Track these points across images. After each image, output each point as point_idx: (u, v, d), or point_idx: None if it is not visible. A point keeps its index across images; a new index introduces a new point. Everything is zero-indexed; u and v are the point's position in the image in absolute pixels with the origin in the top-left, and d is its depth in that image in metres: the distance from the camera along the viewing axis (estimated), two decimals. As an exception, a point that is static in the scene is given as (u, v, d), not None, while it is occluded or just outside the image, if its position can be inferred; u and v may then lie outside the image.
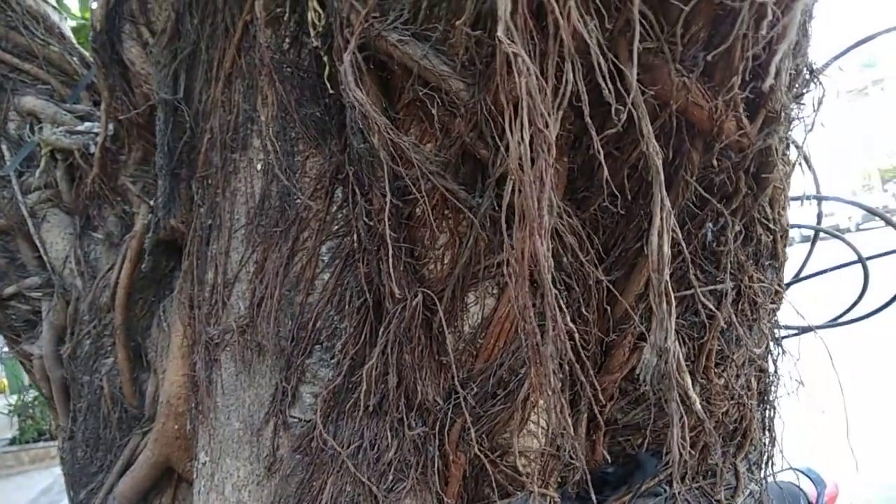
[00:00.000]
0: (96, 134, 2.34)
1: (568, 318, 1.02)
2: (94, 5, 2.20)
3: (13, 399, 11.44)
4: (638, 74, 1.07)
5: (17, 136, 2.49)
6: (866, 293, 2.04)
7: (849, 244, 2.01)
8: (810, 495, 3.76)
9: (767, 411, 1.82)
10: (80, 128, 2.42)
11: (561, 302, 1.01)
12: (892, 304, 2.00)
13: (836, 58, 1.71)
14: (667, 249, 1.01)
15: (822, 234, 2.11)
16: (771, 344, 1.64)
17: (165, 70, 1.82)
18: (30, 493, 9.07)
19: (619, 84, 1.02)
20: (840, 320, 2.12)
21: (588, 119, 0.95)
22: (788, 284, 2.11)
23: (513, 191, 1.02)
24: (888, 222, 1.89)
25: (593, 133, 0.95)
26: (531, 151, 0.93)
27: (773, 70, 0.91)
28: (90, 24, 2.23)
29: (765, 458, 1.81)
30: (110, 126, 2.25)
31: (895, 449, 6.66)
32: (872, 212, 2.00)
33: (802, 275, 2.17)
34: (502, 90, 0.95)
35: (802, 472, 3.86)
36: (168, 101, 1.81)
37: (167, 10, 1.88)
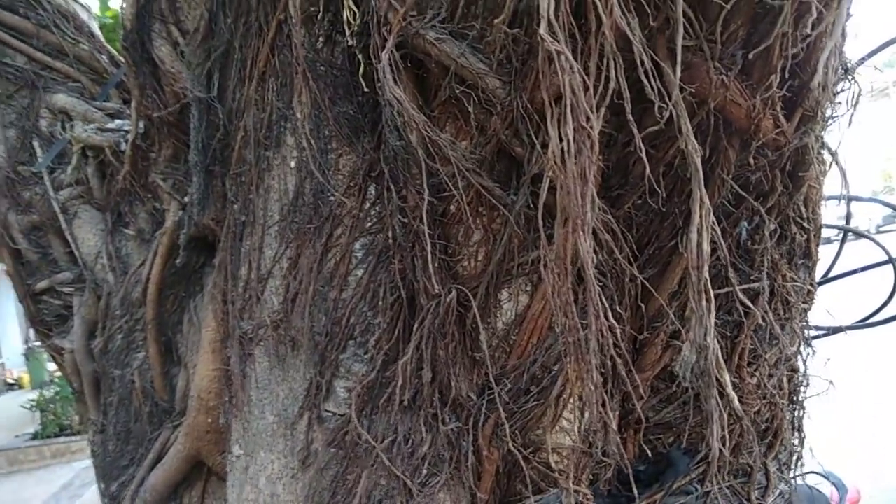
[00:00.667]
0: (127, 131, 2.37)
1: (610, 314, 1.03)
2: (123, 5, 2.23)
3: (35, 394, 11.60)
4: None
5: (49, 134, 2.53)
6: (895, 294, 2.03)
7: (878, 244, 2.00)
8: (832, 499, 3.74)
9: (797, 411, 1.81)
10: (110, 125, 2.45)
11: (604, 299, 1.01)
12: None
13: (869, 55, 1.70)
14: (706, 247, 1.02)
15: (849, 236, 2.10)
16: (802, 344, 1.63)
17: (199, 69, 1.84)
18: (51, 487, 9.19)
19: (657, 82, 1.03)
20: (870, 321, 2.11)
21: (630, 116, 0.96)
22: (818, 284, 2.10)
23: (551, 188, 1.03)
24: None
25: (635, 130, 0.96)
26: (573, 148, 0.93)
27: (820, 68, 0.91)
28: (121, 23, 2.26)
29: (794, 458, 1.81)
30: (141, 124, 2.28)
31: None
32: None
33: (831, 275, 2.16)
34: (543, 87, 0.95)
35: (824, 476, 3.84)
36: (202, 99, 1.83)
37: (199, 9, 1.90)
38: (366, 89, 1.42)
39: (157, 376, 2.28)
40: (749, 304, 1.32)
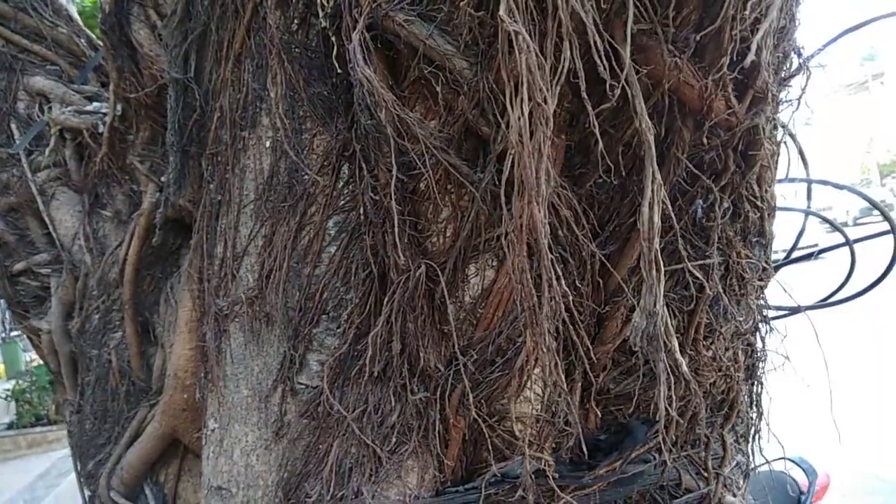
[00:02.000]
0: (104, 114, 2.39)
1: (563, 283, 1.09)
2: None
3: (10, 384, 11.50)
4: (632, 54, 1.13)
5: (27, 116, 2.55)
6: (852, 275, 2.11)
7: (836, 226, 2.08)
8: (802, 484, 3.85)
9: (755, 386, 1.89)
10: (88, 108, 2.48)
11: (556, 266, 1.07)
12: (876, 286, 2.06)
13: (828, 44, 1.77)
14: (657, 220, 1.08)
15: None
16: (759, 320, 1.70)
17: (176, 50, 1.87)
18: (27, 477, 9.13)
19: (614, 63, 1.09)
20: (828, 301, 2.19)
21: (584, 95, 1.01)
22: (779, 265, 2.18)
23: (512, 164, 1.08)
24: (881, 210, 1.96)
25: (589, 108, 1.01)
26: (530, 125, 0.99)
27: (754, 47, 0.97)
28: (99, 7, 2.28)
29: (752, 431, 1.88)
30: (118, 106, 2.31)
31: (882, 437, 6.77)
32: (868, 199, 2.06)
33: (792, 256, 2.23)
34: (504, 68, 1.01)
35: (794, 462, 3.94)
36: (179, 80, 1.86)
37: (177, -8, 1.93)
38: (339, 71, 1.46)
39: (133, 356, 2.32)
40: (702, 278, 1.38)
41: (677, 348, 1.14)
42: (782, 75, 1.34)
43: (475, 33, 1.22)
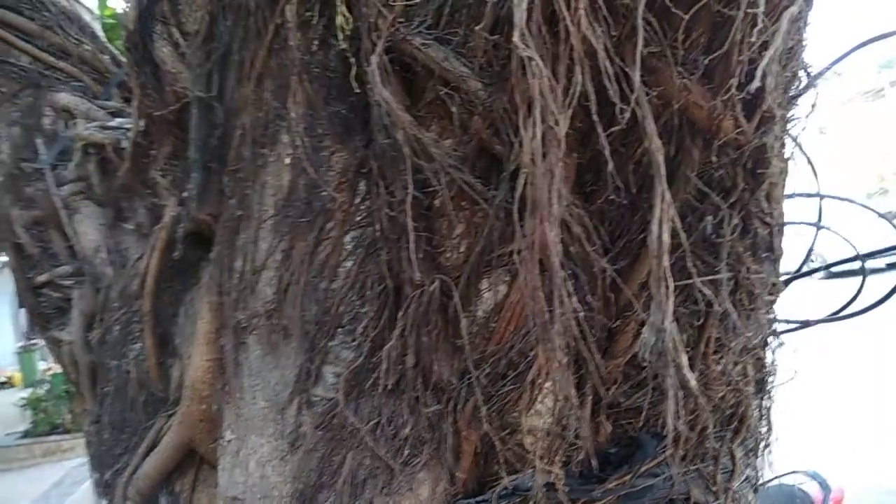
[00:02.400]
0: (128, 129, 2.45)
1: (574, 299, 1.12)
2: (125, 6, 2.31)
3: (27, 393, 11.61)
4: (643, 76, 1.16)
5: (52, 131, 2.61)
6: (863, 289, 2.12)
7: (846, 240, 2.10)
8: (815, 499, 3.83)
9: (765, 401, 1.90)
10: (111, 123, 2.53)
11: (568, 285, 1.10)
12: (887, 300, 2.07)
13: (840, 59, 1.80)
14: (666, 237, 1.11)
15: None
16: (768, 335, 1.72)
17: (199, 69, 1.92)
18: (41, 485, 9.20)
19: (625, 84, 1.12)
20: (838, 315, 2.20)
21: (595, 117, 1.05)
22: (790, 279, 2.20)
23: (525, 183, 1.11)
24: (891, 223, 1.97)
25: (600, 129, 1.05)
26: (543, 147, 1.02)
27: (759, 73, 1.00)
28: (122, 25, 2.34)
29: (762, 445, 1.90)
30: (141, 122, 2.36)
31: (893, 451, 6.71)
32: (876, 213, 2.08)
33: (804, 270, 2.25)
34: (517, 91, 1.04)
35: (809, 475, 3.93)
36: (202, 98, 1.91)
37: (201, 11, 1.99)
38: (357, 90, 1.50)
39: (152, 367, 2.35)
40: (709, 293, 1.41)
41: (686, 364, 1.16)
42: (791, 94, 1.37)
43: (489, 56, 1.26)
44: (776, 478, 2.46)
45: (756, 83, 1.01)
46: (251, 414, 1.72)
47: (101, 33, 2.89)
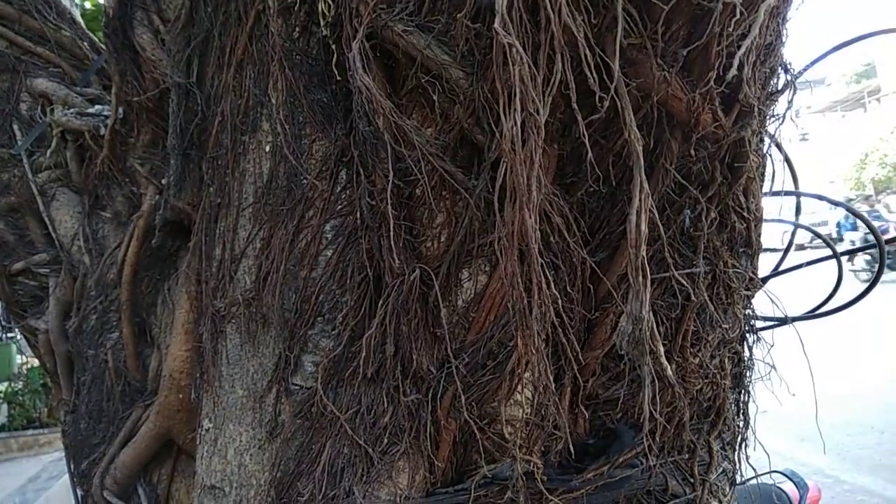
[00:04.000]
0: (106, 116, 2.43)
1: (552, 285, 1.12)
2: (107, -7, 2.29)
3: (3, 386, 11.46)
4: (623, 67, 1.17)
5: (29, 117, 2.58)
6: (840, 287, 2.15)
7: (823, 239, 2.12)
8: (793, 497, 3.87)
9: (742, 395, 1.92)
10: (90, 110, 2.51)
11: (546, 271, 1.10)
12: (863, 298, 2.10)
13: (819, 59, 1.82)
14: (644, 228, 1.11)
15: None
16: (746, 330, 1.74)
17: (179, 55, 1.90)
18: (18, 480, 9.09)
19: (605, 76, 1.12)
20: (816, 313, 2.23)
21: (575, 106, 1.05)
22: (768, 277, 2.22)
23: (506, 171, 1.11)
24: (866, 223, 2.00)
25: (579, 118, 1.05)
26: (522, 134, 1.02)
27: (736, 62, 1.01)
28: (103, 11, 2.32)
29: (738, 439, 1.91)
30: (120, 109, 2.34)
31: (871, 450, 6.81)
32: (852, 211, 2.11)
33: (781, 268, 2.27)
34: (498, 78, 1.04)
35: (786, 475, 3.97)
36: (181, 84, 1.89)
37: (179, -2, 1.97)
38: (338, 78, 1.50)
39: (130, 356, 2.34)
40: (686, 284, 1.42)
41: (663, 353, 1.17)
42: (769, 90, 1.38)
43: (471, 44, 1.26)
44: (753, 477, 2.48)
45: (733, 71, 1.02)
46: (229, 402, 1.71)
47: (79, 19, 2.85)
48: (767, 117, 1.42)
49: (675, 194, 1.40)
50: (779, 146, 1.89)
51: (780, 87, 1.43)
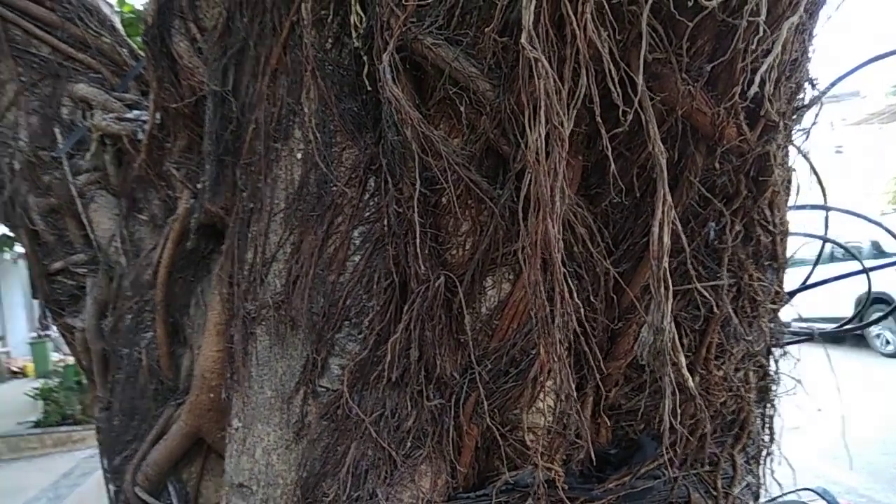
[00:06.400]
0: (144, 122, 2.49)
1: (574, 294, 1.14)
2: (146, 1, 2.35)
3: (39, 383, 11.72)
4: (648, 81, 1.19)
5: (70, 121, 2.67)
6: (869, 302, 2.13)
7: (852, 253, 2.11)
8: (824, 516, 3.81)
9: (767, 409, 1.92)
10: (128, 115, 2.58)
11: (569, 280, 1.12)
12: (893, 313, 2.08)
13: (847, 74, 1.82)
14: (666, 240, 1.13)
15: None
16: (770, 343, 1.73)
17: (216, 64, 1.96)
18: (52, 475, 9.28)
19: (630, 90, 1.14)
20: (843, 327, 2.21)
21: (599, 119, 1.07)
22: (795, 291, 2.21)
23: (530, 182, 1.14)
24: (892, 234, 1.98)
25: (603, 132, 1.07)
26: (547, 146, 1.04)
27: (758, 79, 1.02)
28: (142, 19, 2.39)
29: (763, 453, 1.91)
30: (157, 115, 2.41)
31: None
32: (875, 223, 2.09)
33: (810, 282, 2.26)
34: (524, 91, 1.07)
35: (817, 493, 3.92)
36: (217, 92, 1.95)
37: (218, 7, 2.03)
38: (369, 88, 1.53)
39: (163, 356, 2.40)
40: (709, 297, 1.43)
41: (684, 364, 1.18)
42: (795, 105, 1.39)
43: (498, 57, 1.28)
44: (784, 495, 2.47)
45: (755, 88, 1.03)
46: (258, 403, 1.76)
47: (119, 26, 2.94)
48: (793, 131, 1.42)
49: (700, 207, 1.41)
50: (808, 160, 1.89)
51: (806, 102, 1.44)
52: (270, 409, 1.72)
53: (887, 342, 12.75)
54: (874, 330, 12.62)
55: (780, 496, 2.48)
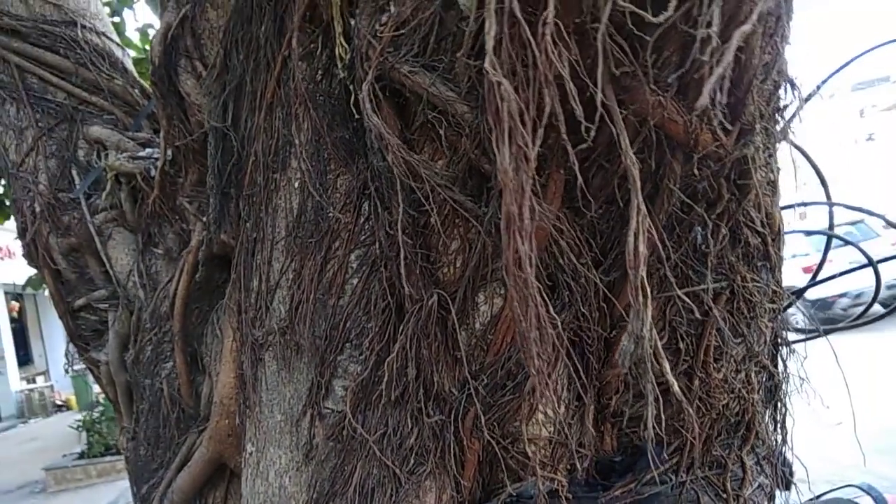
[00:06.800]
0: (156, 159, 2.57)
1: (550, 308, 1.16)
2: (152, 42, 2.44)
3: (82, 416, 11.97)
4: (618, 95, 1.21)
5: (86, 162, 2.76)
6: (878, 295, 2.12)
7: (858, 248, 2.09)
8: (871, 513, 3.74)
9: (778, 409, 1.91)
10: (141, 153, 2.66)
11: (544, 294, 1.14)
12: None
13: (830, 76, 1.82)
14: (642, 248, 1.15)
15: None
16: (771, 342, 1.73)
17: (216, 100, 2.02)
18: (96, 505, 9.48)
19: (602, 105, 1.16)
20: (853, 322, 2.19)
21: (565, 137, 1.10)
22: (804, 289, 2.20)
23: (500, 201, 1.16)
24: (890, 225, 1.97)
25: (569, 147, 1.10)
26: (514, 164, 1.07)
27: (706, 90, 1.04)
28: (149, 59, 2.47)
29: (776, 454, 1.90)
30: (169, 151, 2.48)
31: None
32: (878, 216, 2.08)
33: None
34: (490, 113, 1.10)
35: (862, 489, 3.85)
36: (218, 128, 2.01)
37: (217, 46, 2.10)
38: (357, 116, 1.58)
39: (183, 384, 2.46)
40: (702, 301, 1.44)
41: (669, 370, 1.19)
42: (774, 106, 1.40)
43: (473, 80, 1.32)
44: (830, 492, 2.44)
45: (704, 100, 1.05)
46: (269, 427, 1.80)
47: (131, 67, 3.04)
48: (774, 132, 1.43)
49: (684, 213, 1.43)
50: (808, 158, 1.90)
51: (787, 102, 1.45)
52: (281, 433, 1.76)
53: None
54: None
55: (824, 493, 2.46)
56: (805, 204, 1.84)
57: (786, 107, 1.44)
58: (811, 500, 2.25)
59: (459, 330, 1.51)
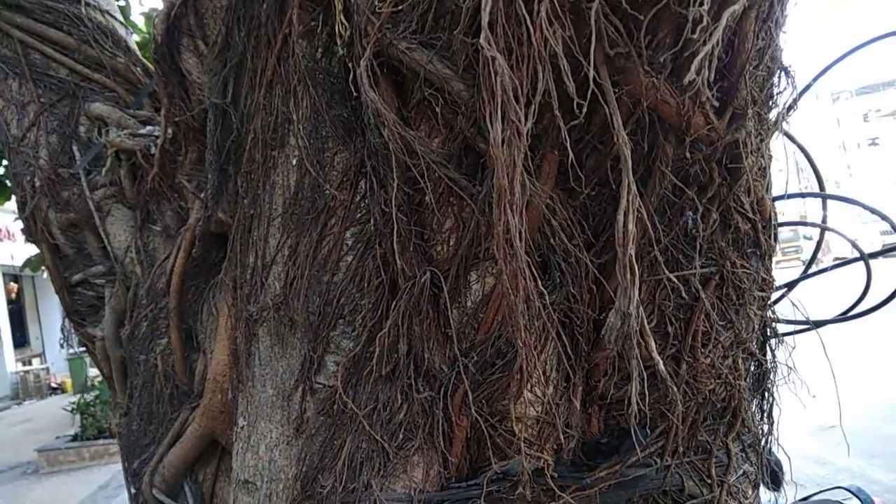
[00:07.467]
0: (156, 137, 2.59)
1: (539, 282, 1.18)
2: (156, 21, 2.45)
3: (76, 398, 12.00)
4: (612, 75, 1.23)
5: (87, 139, 2.78)
6: (869, 290, 2.13)
7: (851, 242, 2.11)
8: (859, 514, 3.77)
9: (766, 398, 1.93)
10: (142, 131, 2.68)
11: (534, 270, 1.16)
12: (892, 300, 2.08)
13: (830, 66, 1.84)
14: (631, 227, 1.17)
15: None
16: (759, 330, 1.75)
17: (216, 77, 2.04)
18: (89, 487, 9.53)
19: (595, 85, 1.18)
20: (846, 315, 2.21)
21: (558, 114, 1.11)
22: (796, 281, 2.22)
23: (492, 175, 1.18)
24: (888, 221, 1.99)
25: (562, 125, 1.11)
26: (506, 139, 1.09)
27: (694, 67, 1.06)
28: (152, 38, 2.48)
29: (762, 442, 1.92)
30: (169, 129, 2.49)
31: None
32: (871, 210, 2.09)
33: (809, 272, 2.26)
34: (484, 88, 1.11)
35: (851, 492, 3.88)
36: (218, 104, 2.03)
37: (220, 24, 2.11)
38: (356, 94, 1.59)
39: (177, 361, 2.48)
40: (691, 285, 1.45)
41: (654, 348, 1.21)
42: (767, 92, 1.41)
43: (470, 59, 1.33)
44: (818, 493, 2.46)
45: (691, 75, 1.06)
46: (261, 401, 1.82)
47: (133, 46, 3.05)
48: (767, 118, 1.45)
49: (675, 196, 1.44)
50: (803, 149, 1.91)
51: (781, 89, 1.46)
52: (272, 407, 1.78)
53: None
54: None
55: (813, 495, 2.48)
56: (802, 195, 1.86)
57: (780, 93, 1.45)
58: (799, 501, 2.27)
59: (451, 308, 1.53)
